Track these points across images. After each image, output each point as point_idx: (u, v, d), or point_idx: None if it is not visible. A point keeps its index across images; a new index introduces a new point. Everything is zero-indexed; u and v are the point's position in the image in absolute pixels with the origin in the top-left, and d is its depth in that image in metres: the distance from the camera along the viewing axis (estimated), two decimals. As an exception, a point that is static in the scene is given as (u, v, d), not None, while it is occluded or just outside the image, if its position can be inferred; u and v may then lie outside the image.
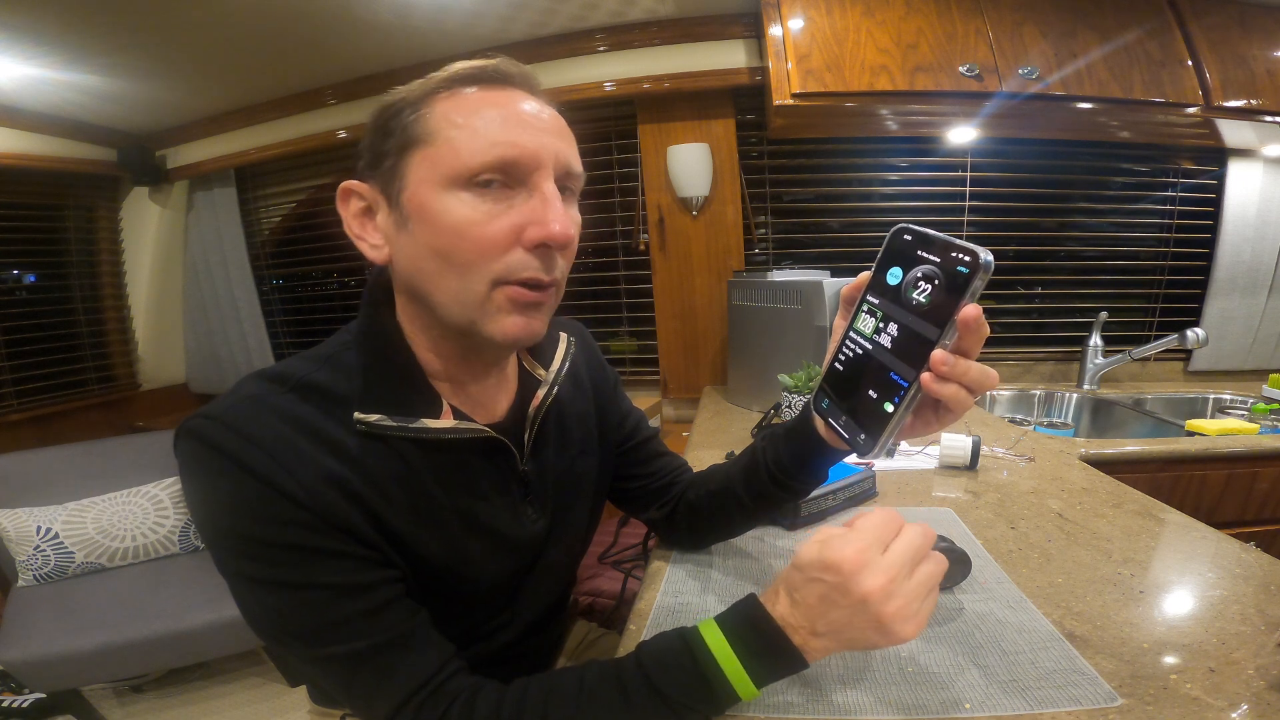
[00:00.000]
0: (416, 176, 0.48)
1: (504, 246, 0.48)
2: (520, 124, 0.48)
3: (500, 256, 0.48)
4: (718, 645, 0.46)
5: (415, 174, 0.48)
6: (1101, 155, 1.85)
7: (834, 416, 0.50)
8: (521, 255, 0.49)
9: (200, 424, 0.45)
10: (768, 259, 1.98)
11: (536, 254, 0.49)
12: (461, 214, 0.47)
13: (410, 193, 0.49)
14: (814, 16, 1.45)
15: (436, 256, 0.49)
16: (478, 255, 0.48)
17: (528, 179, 0.49)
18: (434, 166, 0.48)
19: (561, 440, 0.67)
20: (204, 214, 2.38)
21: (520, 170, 0.48)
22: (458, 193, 0.47)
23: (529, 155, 0.48)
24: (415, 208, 0.49)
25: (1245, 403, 1.65)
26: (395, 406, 0.52)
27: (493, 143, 0.47)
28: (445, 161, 0.47)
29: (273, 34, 1.63)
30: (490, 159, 0.47)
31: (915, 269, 0.42)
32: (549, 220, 0.48)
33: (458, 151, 0.47)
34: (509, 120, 0.48)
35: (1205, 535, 0.78)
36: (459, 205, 0.47)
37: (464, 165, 0.47)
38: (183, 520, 1.93)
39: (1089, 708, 0.48)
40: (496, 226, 0.48)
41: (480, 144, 0.47)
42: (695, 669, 0.46)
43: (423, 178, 0.48)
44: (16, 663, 1.43)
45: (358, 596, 0.47)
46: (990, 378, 0.41)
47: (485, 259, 0.48)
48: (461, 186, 0.47)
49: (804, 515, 0.85)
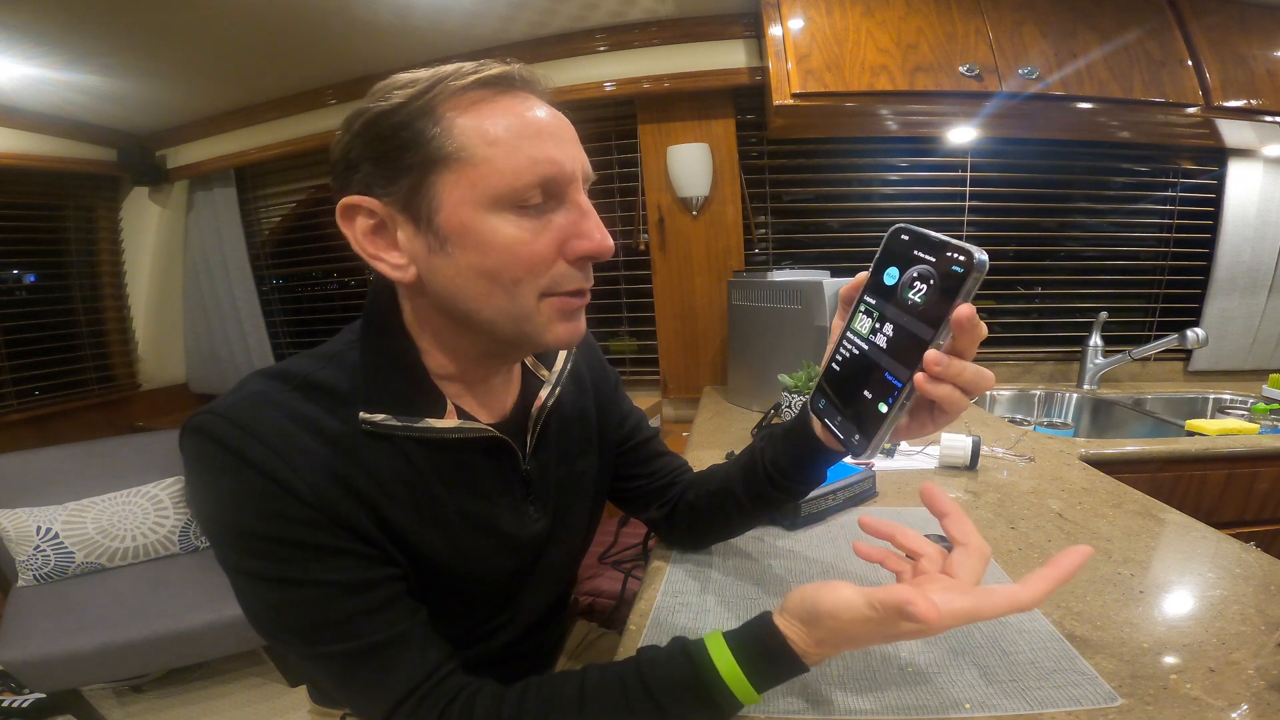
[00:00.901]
0: (454, 198, 0.46)
1: (549, 261, 0.49)
2: (552, 138, 0.48)
3: (546, 271, 0.49)
4: (718, 650, 0.46)
5: (452, 195, 0.46)
6: (1101, 155, 1.85)
7: (830, 417, 0.50)
8: (565, 268, 0.50)
9: (206, 420, 0.46)
10: (768, 259, 1.98)
11: (578, 265, 0.50)
12: (509, 234, 0.47)
13: (448, 214, 0.47)
14: (814, 16, 1.45)
15: (483, 277, 0.48)
16: (526, 273, 0.48)
17: (564, 192, 0.49)
18: (473, 187, 0.46)
19: (563, 440, 0.67)
20: (204, 214, 2.38)
21: (558, 186, 0.48)
22: (503, 214, 0.47)
23: (567, 171, 0.48)
24: (455, 229, 0.47)
25: (1245, 403, 1.65)
26: (400, 406, 0.52)
27: (533, 160, 0.46)
28: (487, 182, 0.46)
29: (273, 34, 1.63)
30: (534, 179, 0.46)
31: (911, 269, 0.42)
32: (594, 233, 0.49)
33: (500, 172, 0.46)
34: (542, 135, 0.48)
35: (1205, 535, 0.78)
36: (505, 225, 0.47)
37: (508, 186, 0.46)
38: (183, 520, 1.93)
39: (1089, 708, 0.48)
40: (542, 244, 0.48)
41: (521, 163, 0.46)
42: (695, 674, 0.46)
43: (462, 199, 0.46)
44: (16, 663, 1.43)
45: (359, 594, 0.47)
46: (986, 379, 0.41)
47: (533, 275, 0.49)
48: (505, 207, 0.47)
49: (804, 515, 0.85)
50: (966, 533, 0.45)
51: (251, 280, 2.40)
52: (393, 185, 0.48)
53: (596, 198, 2.08)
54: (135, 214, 2.40)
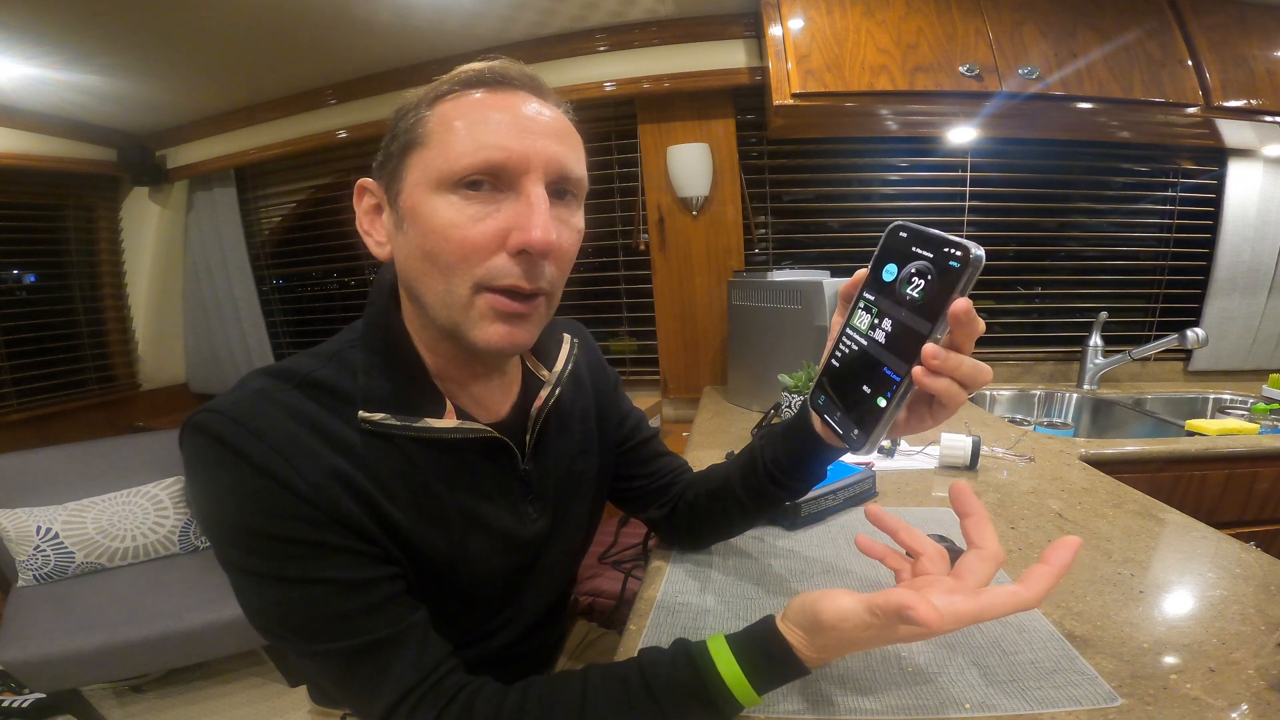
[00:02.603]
0: (412, 177, 0.49)
1: (487, 251, 0.48)
2: (513, 127, 0.48)
3: (482, 261, 0.48)
4: (720, 652, 0.46)
5: (411, 175, 0.49)
6: (1101, 155, 1.85)
7: (829, 413, 0.50)
8: (504, 261, 0.48)
9: (206, 418, 0.46)
10: (768, 259, 1.98)
11: (519, 260, 0.48)
12: (446, 216, 0.47)
13: (406, 193, 0.50)
14: (814, 16, 1.45)
15: (425, 257, 0.49)
16: (459, 258, 0.48)
17: (516, 183, 0.48)
18: (425, 168, 0.48)
19: (563, 440, 0.67)
20: (204, 214, 2.38)
21: (508, 174, 0.47)
22: (445, 195, 0.48)
23: (517, 158, 0.47)
24: (409, 208, 0.49)
25: (1245, 403, 1.64)
26: (399, 405, 0.52)
27: (480, 145, 0.47)
28: (434, 163, 0.48)
29: (273, 34, 1.63)
30: (476, 161, 0.46)
31: (909, 265, 0.43)
32: (531, 226, 0.47)
33: (447, 154, 0.47)
34: (502, 123, 0.47)
35: (1205, 535, 0.78)
36: (445, 207, 0.47)
37: (450, 167, 0.47)
38: (183, 520, 1.93)
39: (1089, 708, 0.48)
40: (479, 230, 0.47)
41: (468, 146, 0.47)
42: (696, 675, 0.46)
43: (416, 179, 0.49)
44: (16, 663, 1.43)
45: (358, 592, 0.47)
46: (983, 372, 0.41)
47: (466, 262, 0.48)
48: (449, 189, 0.47)
49: (804, 515, 0.85)
50: (985, 537, 0.45)
51: (251, 280, 2.40)
52: (386, 169, 0.52)
53: (596, 197, 2.09)
54: (135, 214, 2.40)
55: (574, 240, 0.53)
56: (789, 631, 0.46)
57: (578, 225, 0.54)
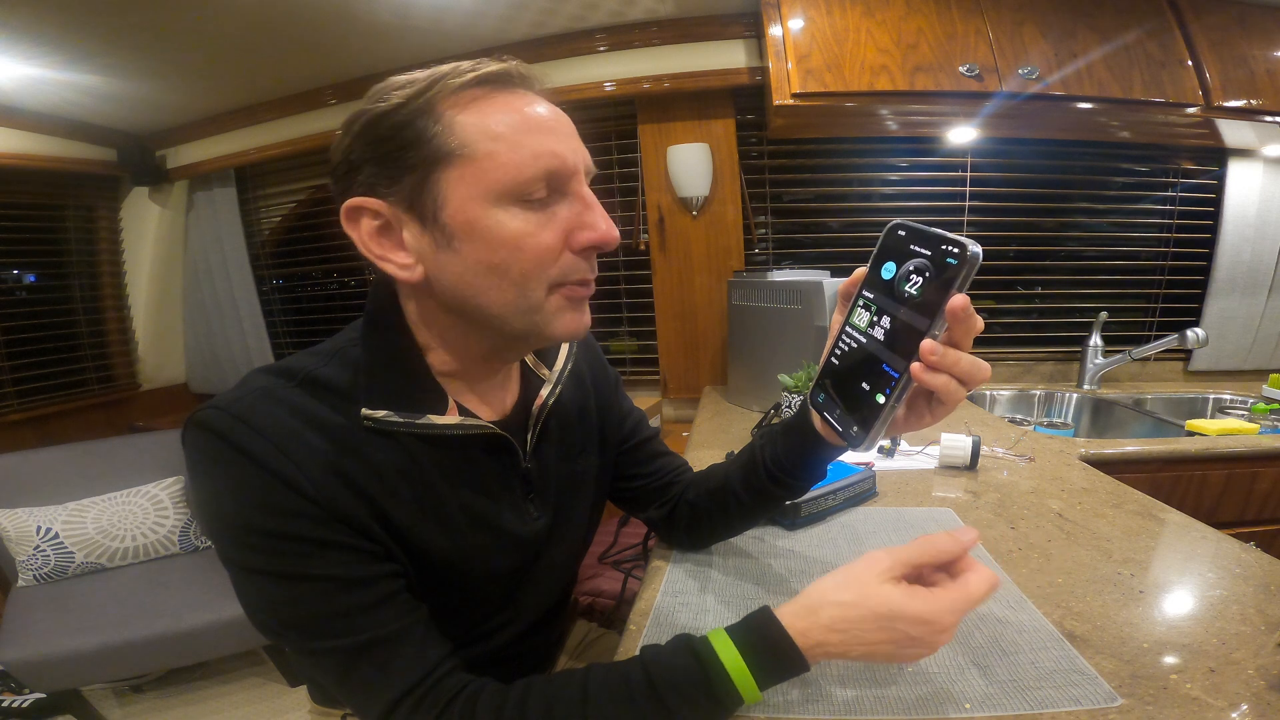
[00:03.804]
0: (460, 194, 0.47)
1: (557, 253, 0.50)
2: (553, 132, 0.49)
3: (554, 263, 0.50)
4: (722, 644, 0.46)
5: (457, 191, 0.47)
6: (1101, 155, 1.85)
7: (829, 410, 0.50)
8: (571, 259, 0.51)
9: (209, 415, 0.46)
10: (768, 259, 1.98)
11: (584, 255, 0.51)
12: (515, 227, 0.48)
13: (454, 210, 0.47)
14: (814, 16, 1.45)
15: (491, 272, 0.49)
16: (535, 265, 0.49)
17: (567, 186, 0.50)
18: (478, 182, 0.47)
19: (563, 439, 0.67)
20: (204, 214, 2.38)
21: (561, 178, 0.49)
22: (508, 208, 0.48)
23: (568, 164, 0.49)
24: (462, 225, 0.47)
25: (1245, 403, 1.65)
26: (401, 402, 0.52)
27: (536, 154, 0.47)
28: (492, 177, 0.47)
29: (272, 34, 1.63)
30: (537, 172, 0.47)
31: (908, 262, 0.43)
32: (599, 223, 0.50)
33: (504, 166, 0.47)
34: (543, 129, 0.48)
35: (1205, 535, 0.78)
36: (511, 219, 0.48)
37: (513, 180, 0.47)
38: (183, 520, 1.93)
39: (1089, 708, 0.48)
40: (548, 235, 0.49)
41: (524, 156, 0.47)
42: (700, 669, 0.46)
43: (468, 194, 0.47)
44: (16, 663, 1.43)
45: (358, 590, 0.47)
46: (981, 369, 0.42)
47: (541, 267, 0.49)
48: (511, 201, 0.48)
49: (804, 515, 0.85)
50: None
51: (251, 280, 2.40)
52: (396, 185, 0.48)
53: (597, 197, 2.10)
54: (135, 214, 2.40)
55: None
56: (785, 615, 0.47)
57: None
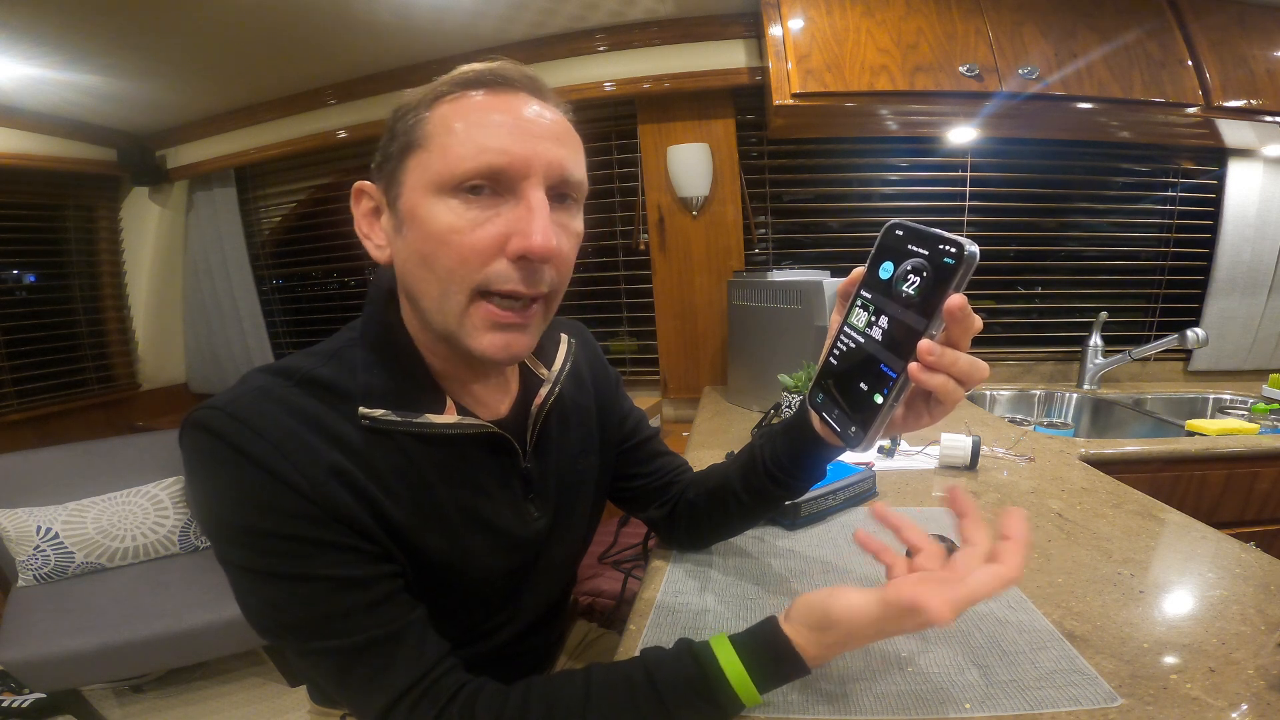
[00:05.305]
0: (411, 180, 0.48)
1: (487, 256, 0.47)
2: (514, 130, 0.47)
3: (482, 267, 0.47)
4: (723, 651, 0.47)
5: (410, 178, 0.49)
6: (1101, 155, 1.85)
7: (828, 410, 0.50)
8: (504, 266, 0.48)
9: (206, 415, 0.46)
10: (768, 259, 1.98)
11: (519, 266, 0.48)
12: (446, 220, 0.47)
13: (405, 196, 0.49)
14: (814, 16, 1.45)
15: (422, 262, 0.49)
16: (459, 263, 0.47)
17: (516, 187, 0.48)
18: (425, 171, 0.48)
19: (563, 439, 0.67)
20: (204, 214, 2.38)
21: (508, 178, 0.47)
22: (445, 199, 0.47)
23: (518, 162, 0.47)
24: (407, 211, 0.49)
25: (1245, 403, 1.64)
26: (399, 401, 0.52)
27: (481, 149, 0.46)
28: (434, 167, 0.47)
29: (273, 34, 1.63)
30: (477, 165, 0.46)
31: (905, 262, 0.43)
32: (531, 231, 0.46)
33: (446, 157, 0.47)
34: (503, 126, 0.47)
35: (1205, 535, 0.78)
36: (445, 212, 0.47)
37: (450, 171, 0.46)
38: (183, 520, 1.93)
39: (1089, 708, 0.48)
40: (480, 235, 0.47)
41: (469, 150, 0.46)
42: (701, 673, 0.46)
43: (415, 182, 0.48)
44: (16, 663, 1.43)
45: (357, 590, 0.47)
46: (980, 369, 0.42)
47: (466, 267, 0.47)
48: (449, 193, 0.47)
49: (804, 515, 0.85)
50: (978, 539, 0.45)
51: (251, 280, 2.40)
52: (383, 170, 0.52)
53: (596, 197, 2.09)
54: (135, 214, 2.40)
55: (574, 244, 0.53)
56: (793, 631, 0.46)
57: (577, 229, 0.53)
